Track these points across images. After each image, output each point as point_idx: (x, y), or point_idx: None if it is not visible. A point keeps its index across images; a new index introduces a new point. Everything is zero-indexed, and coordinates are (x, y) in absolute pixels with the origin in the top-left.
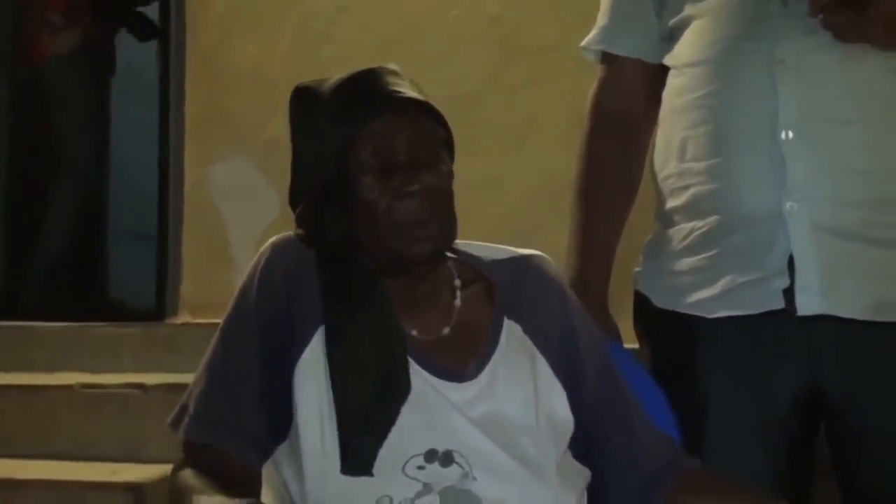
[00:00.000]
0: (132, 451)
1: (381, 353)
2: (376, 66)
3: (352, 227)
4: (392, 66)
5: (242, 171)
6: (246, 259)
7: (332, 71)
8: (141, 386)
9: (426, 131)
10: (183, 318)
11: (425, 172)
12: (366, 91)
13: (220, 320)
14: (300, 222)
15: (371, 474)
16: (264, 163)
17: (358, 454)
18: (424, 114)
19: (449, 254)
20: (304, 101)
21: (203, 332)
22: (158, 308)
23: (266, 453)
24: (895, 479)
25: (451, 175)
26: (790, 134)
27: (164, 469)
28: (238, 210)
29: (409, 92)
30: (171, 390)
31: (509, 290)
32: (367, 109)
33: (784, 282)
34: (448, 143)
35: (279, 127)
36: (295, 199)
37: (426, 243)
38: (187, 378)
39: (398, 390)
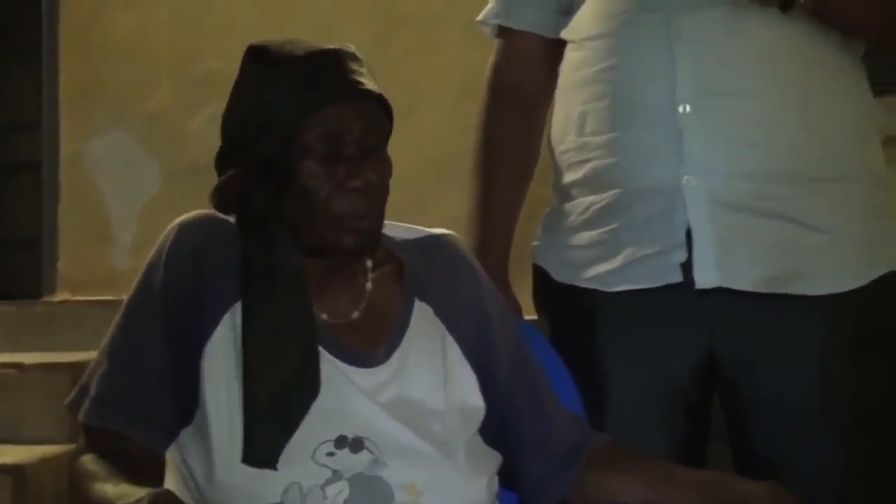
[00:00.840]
0: (10, 432)
1: (294, 344)
2: (341, 48)
3: (281, 205)
4: (352, 49)
5: (122, 144)
6: (126, 235)
7: (214, 43)
8: (18, 366)
9: (376, 124)
10: (61, 296)
11: (370, 168)
12: (328, 74)
13: (100, 297)
14: (223, 190)
15: (275, 468)
16: (145, 136)
17: (263, 445)
18: (377, 106)
19: None
20: (261, 64)
21: (83, 310)
22: (35, 285)
23: (171, 437)
24: (782, 444)
25: (390, 169)
26: (688, 107)
27: (44, 450)
28: (118, 185)
29: (369, 83)
30: (49, 370)
31: (420, 270)
32: (326, 94)
33: (682, 255)
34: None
35: (161, 99)
36: (224, 161)
37: (358, 236)
38: (67, 357)
39: (307, 385)
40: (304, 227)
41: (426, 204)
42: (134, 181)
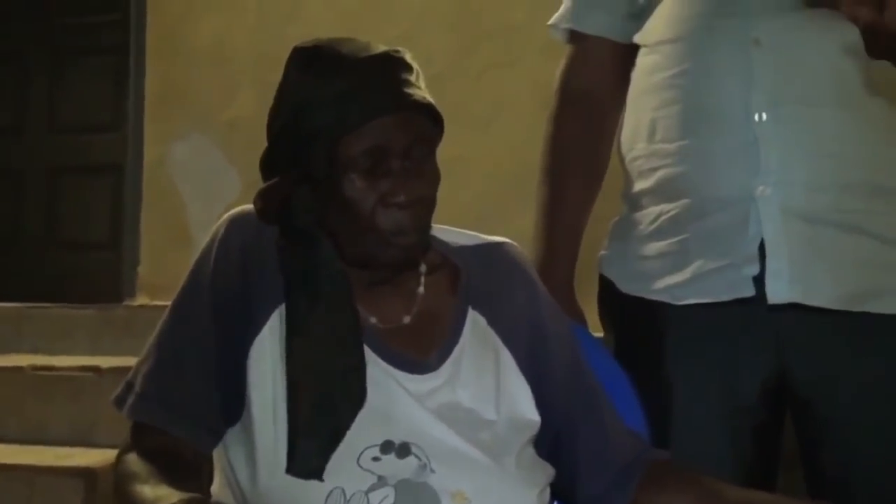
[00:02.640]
0: (85, 435)
1: (339, 353)
2: (392, 53)
3: (323, 215)
4: (405, 54)
5: (203, 150)
6: (205, 240)
7: None
8: (96, 369)
9: (424, 135)
10: (140, 300)
11: (415, 182)
12: (372, 86)
13: None
14: (266, 196)
15: (321, 479)
16: (225, 142)
17: (306, 458)
18: (425, 116)
19: None
20: (305, 72)
21: (160, 315)
22: (115, 289)
23: (217, 436)
24: (859, 471)
25: (438, 179)
26: (764, 116)
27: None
28: (198, 190)
29: (418, 93)
30: (126, 374)
31: (476, 278)
32: (369, 108)
33: (754, 269)
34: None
35: (241, 106)
36: (269, 166)
37: (402, 251)
38: None
39: (353, 397)
40: (348, 240)
41: (501, 218)
42: (214, 187)
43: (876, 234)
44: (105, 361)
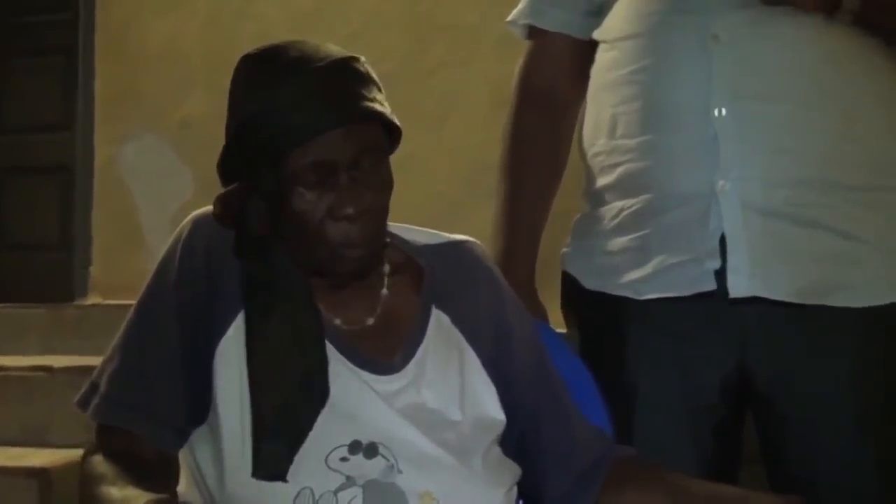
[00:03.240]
0: (38, 435)
1: (299, 354)
2: (341, 62)
3: (276, 225)
4: (356, 61)
5: (155, 150)
6: (158, 240)
7: (248, 50)
8: (48, 369)
9: (373, 143)
10: (92, 299)
11: (363, 193)
12: (322, 98)
13: (131, 301)
14: (224, 202)
15: (285, 480)
16: (178, 142)
17: (271, 460)
18: (376, 124)
19: None
20: (252, 80)
21: (114, 314)
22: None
23: (183, 437)
24: (820, 467)
25: (390, 187)
26: (723, 111)
27: (71, 454)
28: (150, 190)
29: (367, 104)
30: (79, 374)
31: (439, 277)
32: (315, 122)
33: (716, 263)
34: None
35: (193, 105)
36: (225, 173)
37: (354, 262)
38: (97, 361)
39: (314, 396)
40: (299, 250)
41: (457, 215)
42: (166, 187)
43: (833, 228)
44: (57, 361)
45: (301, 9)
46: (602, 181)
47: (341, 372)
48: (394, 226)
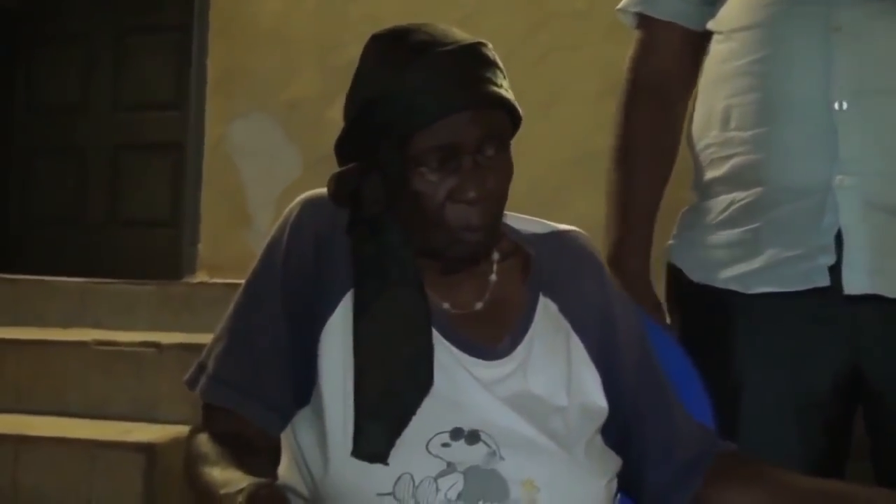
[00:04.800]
0: (145, 410)
1: (406, 339)
2: (469, 46)
3: (393, 205)
4: (483, 47)
5: (263, 129)
6: (265, 219)
7: (357, 32)
8: (156, 345)
9: (496, 131)
10: (200, 277)
11: (485, 178)
12: (450, 81)
13: (237, 280)
14: (339, 181)
15: (386, 463)
16: (286, 122)
17: (372, 442)
18: (501, 110)
19: None
20: (380, 61)
21: (220, 292)
22: (175, 266)
23: (286, 418)
24: None
25: (511, 174)
26: (845, 104)
27: (177, 430)
28: (258, 169)
29: (493, 89)
30: (186, 350)
31: (546, 265)
32: (442, 104)
33: (830, 258)
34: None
35: (302, 86)
36: (343, 149)
37: (470, 247)
38: (203, 338)
39: (419, 383)
40: (416, 232)
41: (561, 203)
42: (274, 167)
43: None
44: (165, 337)
45: None
46: (712, 173)
47: (446, 359)
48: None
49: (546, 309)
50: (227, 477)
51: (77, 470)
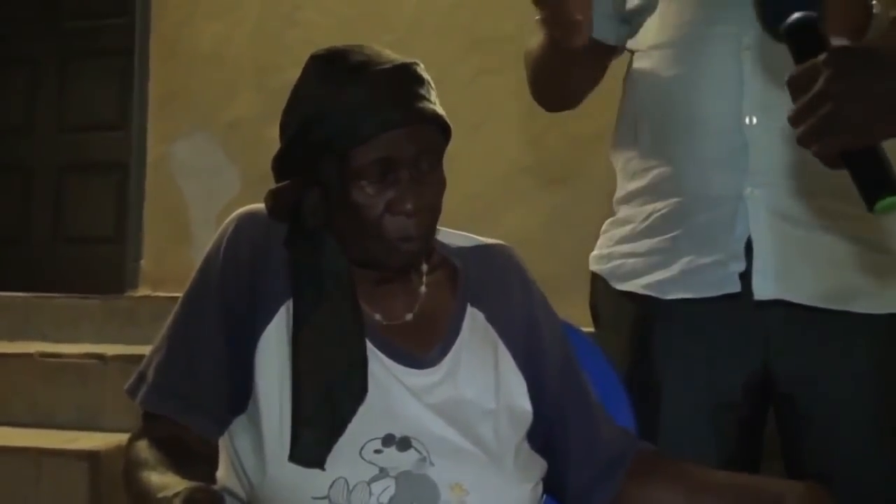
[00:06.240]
0: (90, 419)
1: (342, 349)
2: (405, 66)
3: (331, 218)
4: (417, 67)
5: (204, 148)
6: (205, 235)
7: (295, 55)
8: (100, 357)
9: (432, 144)
10: (143, 291)
11: (422, 191)
12: (385, 98)
13: (179, 294)
14: (277, 196)
15: (322, 468)
16: (225, 141)
17: (309, 447)
18: (434, 127)
19: None
20: (320, 79)
21: (163, 305)
22: (119, 281)
23: (224, 425)
24: (839, 467)
25: (444, 187)
26: (754, 119)
27: (121, 438)
28: (199, 187)
29: (428, 106)
30: (130, 361)
31: (474, 277)
32: (382, 121)
33: (741, 265)
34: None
35: (241, 107)
36: (281, 165)
37: (406, 256)
38: (146, 350)
39: (354, 392)
40: (354, 243)
41: (491, 217)
42: (214, 184)
43: (857, 236)
44: (109, 349)
45: (346, 17)
46: (634, 185)
47: (378, 368)
48: None
49: (474, 318)
50: (165, 481)
51: (25, 477)
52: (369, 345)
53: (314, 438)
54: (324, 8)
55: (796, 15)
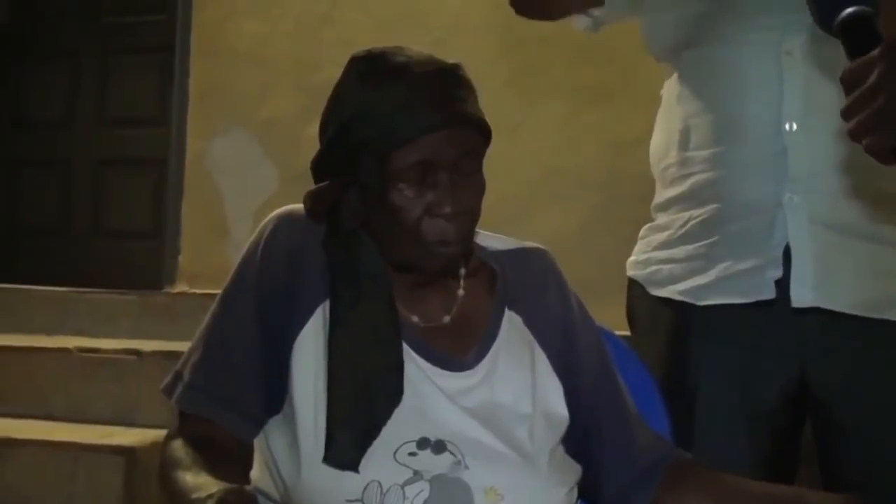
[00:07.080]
0: (126, 415)
1: (378, 351)
2: (446, 68)
3: (370, 219)
4: (459, 69)
5: (242, 145)
6: (243, 232)
7: (333, 53)
8: (137, 352)
9: (472, 149)
10: (180, 287)
11: (461, 194)
12: (426, 101)
13: (215, 290)
14: (316, 197)
15: (357, 471)
16: (263, 139)
17: (343, 449)
18: (475, 130)
19: None
20: (361, 80)
21: (199, 302)
22: (156, 277)
23: (259, 426)
24: (876, 474)
25: (483, 190)
26: (794, 125)
27: (157, 434)
28: (236, 184)
29: (469, 109)
30: (166, 357)
31: (511, 280)
32: (422, 123)
33: (778, 272)
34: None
35: (279, 105)
36: (320, 166)
37: (445, 260)
38: (182, 346)
39: (390, 394)
40: (392, 246)
41: (528, 219)
42: (252, 181)
43: None
44: (146, 345)
45: (384, 17)
46: (672, 192)
47: (414, 370)
48: None
49: (511, 322)
50: (199, 482)
51: (60, 471)
52: (405, 347)
53: (349, 440)
54: (362, 7)
55: (851, 9)
